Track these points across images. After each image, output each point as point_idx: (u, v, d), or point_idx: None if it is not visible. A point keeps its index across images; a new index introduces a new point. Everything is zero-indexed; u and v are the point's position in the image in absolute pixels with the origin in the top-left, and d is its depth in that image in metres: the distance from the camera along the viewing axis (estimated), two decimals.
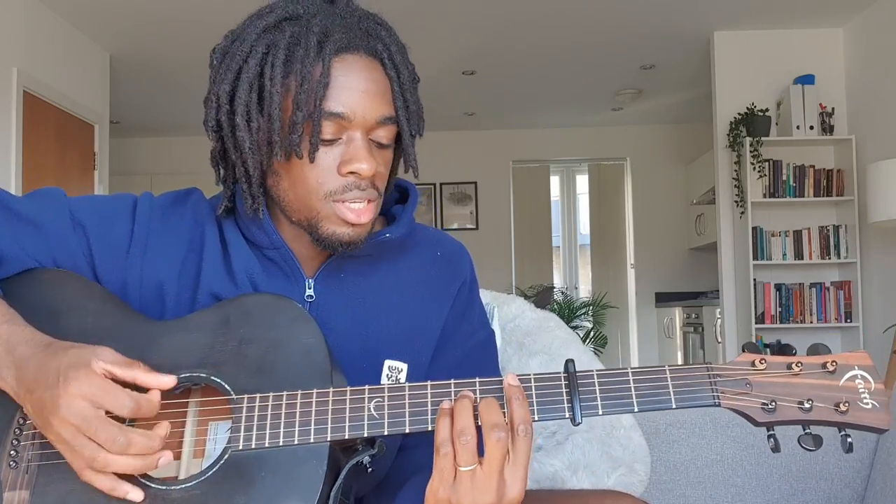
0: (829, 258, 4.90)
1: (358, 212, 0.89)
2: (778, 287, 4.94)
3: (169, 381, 0.81)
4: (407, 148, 0.93)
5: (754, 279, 4.86)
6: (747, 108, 4.90)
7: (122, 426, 0.76)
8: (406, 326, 0.98)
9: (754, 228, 4.86)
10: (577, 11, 4.74)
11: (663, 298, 7.27)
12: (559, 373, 0.82)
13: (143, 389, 0.80)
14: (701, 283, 7.12)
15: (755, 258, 4.85)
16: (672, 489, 1.65)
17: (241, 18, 0.94)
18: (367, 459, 0.82)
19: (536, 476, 1.38)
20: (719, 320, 5.37)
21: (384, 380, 0.95)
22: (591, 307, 7.21)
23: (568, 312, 6.80)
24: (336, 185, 0.88)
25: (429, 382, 0.82)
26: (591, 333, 6.97)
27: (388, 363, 0.94)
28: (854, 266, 4.82)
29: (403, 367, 0.95)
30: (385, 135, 0.91)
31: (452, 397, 0.80)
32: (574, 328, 6.37)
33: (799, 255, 4.93)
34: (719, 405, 0.79)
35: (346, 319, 0.95)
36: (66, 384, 0.76)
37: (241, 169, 0.91)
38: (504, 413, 0.78)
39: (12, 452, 0.83)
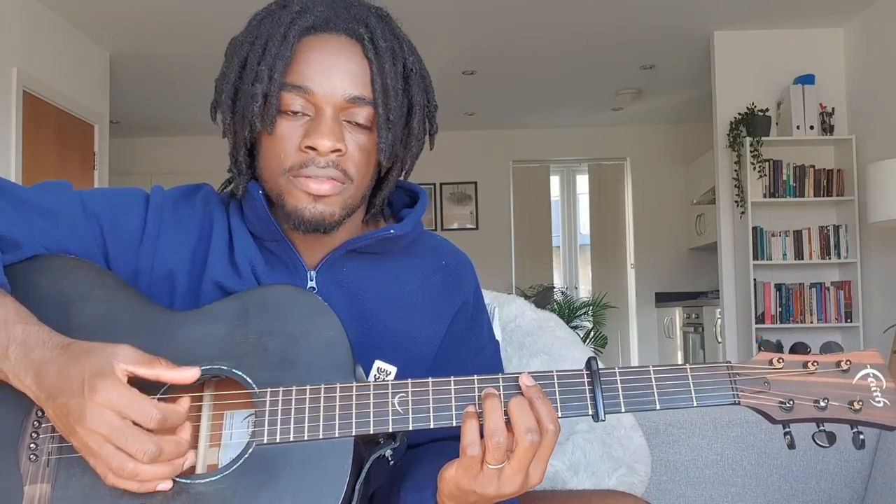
0: (829, 258, 4.90)
1: (318, 182, 0.88)
2: (778, 287, 4.94)
3: (192, 373, 0.80)
4: (380, 131, 0.91)
5: (754, 279, 4.86)
6: (747, 108, 4.89)
7: (151, 435, 0.75)
8: (401, 331, 0.98)
9: (754, 228, 4.86)
10: (577, 11, 4.74)
11: (663, 298, 7.27)
12: (582, 370, 0.82)
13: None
14: (701, 283, 7.12)
15: (755, 258, 4.85)
16: (672, 489, 1.65)
17: (240, 19, 0.95)
18: (388, 453, 0.83)
19: None
20: (719, 320, 5.37)
21: (371, 379, 0.94)
22: (591, 307, 7.21)
23: (568, 312, 6.80)
24: (295, 160, 0.89)
25: (452, 378, 0.82)
26: (591, 333, 6.97)
27: (377, 363, 0.94)
28: (854, 266, 4.82)
29: (393, 370, 0.95)
30: (363, 115, 0.90)
31: (476, 392, 0.80)
32: (574, 328, 6.37)
33: (799, 255, 4.93)
34: (739, 403, 0.81)
35: (344, 314, 0.94)
36: (92, 393, 0.74)
37: (231, 147, 0.94)
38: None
39: (32, 446, 0.82)
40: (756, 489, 1.65)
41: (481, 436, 0.78)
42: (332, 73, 0.88)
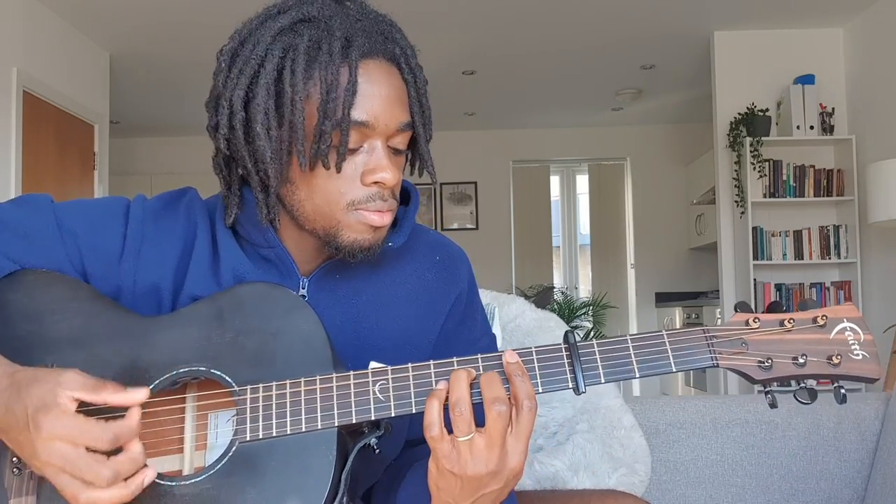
0: (829, 258, 4.90)
1: (381, 215, 0.88)
2: (778, 287, 4.94)
3: (142, 394, 0.77)
4: (423, 154, 0.92)
5: (754, 279, 4.86)
6: (747, 108, 4.90)
7: (105, 459, 0.73)
8: (396, 331, 0.98)
9: (754, 228, 4.86)
10: (577, 12, 4.74)
11: (663, 298, 7.27)
12: (560, 344, 0.82)
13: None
14: (701, 283, 7.12)
15: (755, 258, 4.85)
16: (672, 489, 1.65)
17: (241, 18, 0.92)
18: (374, 441, 0.83)
19: (537, 476, 1.39)
20: (719, 320, 5.37)
21: None
22: (591, 307, 7.21)
23: (568, 312, 6.80)
24: (359, 194, 0.86)
25: (431, 361, 0.82)
26: (591, 333, 6.97)
27: (372, 364, 0.94)
28: (854, 266, 4.82)
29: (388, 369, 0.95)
30: (402, 141, 0.89)
31: None
32: (574, 328, 6.37)
33: (799, 255, 4.93)
34: (717, 366, 0.81)
35: (337, 318, 0.94)
36: (38, 429, 0.73)
37: (257, 178, 0.87)
38: (506, 388, 0.78)
39: (14, 459, 0.81)
40: (756, 489, 1.65)
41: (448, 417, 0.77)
42: (386, 104, 0.86)
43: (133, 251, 0.92)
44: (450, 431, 0.78)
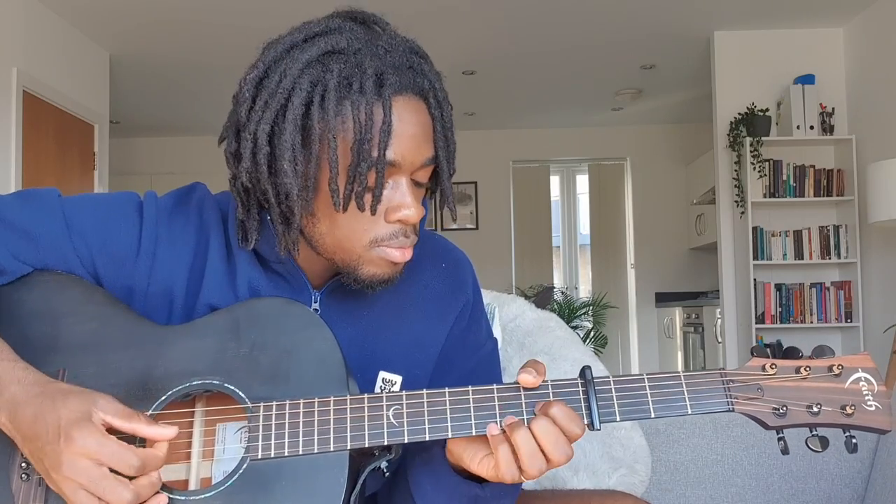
0: (829, 258, 4.90)
1: (403, 251, 0.87)
2: (778, 287, 4.94)
3: (171, 432, 0.78)
4: (445, 189, 0.91)
5: (754, 279, 4.86)
6: (747, 108, 4.90)
7: (127, 482, 0.74)
8: (406, 340, 0.98)
9: (754, 228, 4.86)
10: (577, 11, 4.74)
11: (663, 298, 7.27)
12: (576, 379, 0.82)
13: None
14: (701, 283, 7.12)
15: (755, 258, 4.85)
16: (672, 489, 1.65)
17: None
18: (384, 464, 0.83)
19: None
20: (719, 320, 5.37)
21: (377, 391, 0.94)
22: (591, 307, 7.21)
23: (568, 312, 6.80)
24: (383, 232, 0.86)
25: (447, 389, 0.81)
26: (591, 333, 6.97)
27: (382, 374, 0.94)
28: (854, 266, 4.82)
29: (398, 379, 0.95)
30: (424, 175, 0.88)
31: (471, 403, 0.81)
32: (574, 328, 6.37)
33: (799, 255, 4.93)
34: (733, 410, 0.81)
35: (348, 330, 0.94)
36: (69, 442, 0.73)
37: (278, 210, 0.85)
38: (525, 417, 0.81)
39: (23, 465, 0.81)
40: (756, 489, 1.65)
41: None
42: (413, 142, 0.84)
43: (149, 252, 0.91)
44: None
